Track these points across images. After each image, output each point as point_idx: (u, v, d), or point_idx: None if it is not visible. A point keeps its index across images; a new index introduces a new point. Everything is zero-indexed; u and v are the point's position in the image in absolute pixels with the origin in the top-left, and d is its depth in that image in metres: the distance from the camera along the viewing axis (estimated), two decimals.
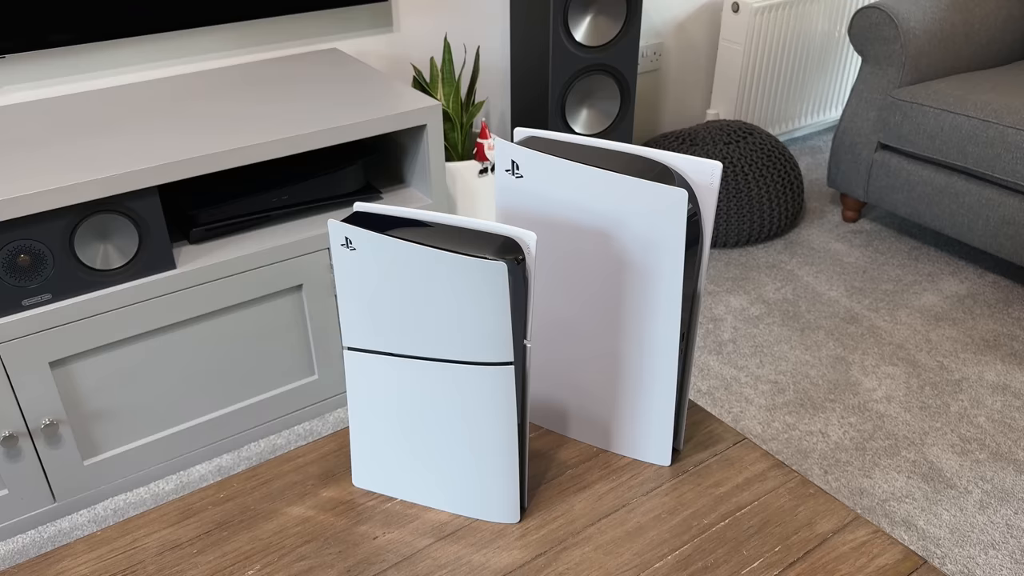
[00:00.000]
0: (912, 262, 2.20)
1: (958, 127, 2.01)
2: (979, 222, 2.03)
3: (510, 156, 0.81)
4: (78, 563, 0.79)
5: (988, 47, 2.31)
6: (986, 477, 1.48)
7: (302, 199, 1.50)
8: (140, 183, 1.26)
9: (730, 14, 2.55)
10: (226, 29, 1.74)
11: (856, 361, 1.81)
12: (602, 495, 0.85)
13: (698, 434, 0.94)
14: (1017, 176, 1.91)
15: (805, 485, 0.87)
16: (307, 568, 0.78)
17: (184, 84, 1.65)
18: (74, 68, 1.62)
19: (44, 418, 1.31)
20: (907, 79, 2.18)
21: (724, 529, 0.81)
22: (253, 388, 1.54)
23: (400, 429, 0.81)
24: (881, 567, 0.77)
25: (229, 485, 0.89)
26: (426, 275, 0.71)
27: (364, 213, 0.74)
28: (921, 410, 1.65)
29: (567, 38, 1.90)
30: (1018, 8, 2.35)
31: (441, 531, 0.81)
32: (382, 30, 1.94)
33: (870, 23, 2.20)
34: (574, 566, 0.77)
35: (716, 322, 1.96)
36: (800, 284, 2.10)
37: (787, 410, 1.66)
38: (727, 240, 2.26)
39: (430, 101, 1.52)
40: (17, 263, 1.21)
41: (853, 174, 2.32)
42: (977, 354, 1.82)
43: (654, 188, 0.73)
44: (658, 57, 2.55)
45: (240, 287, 1.42)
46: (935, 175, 2.11)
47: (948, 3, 2.24)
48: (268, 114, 1.47)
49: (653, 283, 0.78)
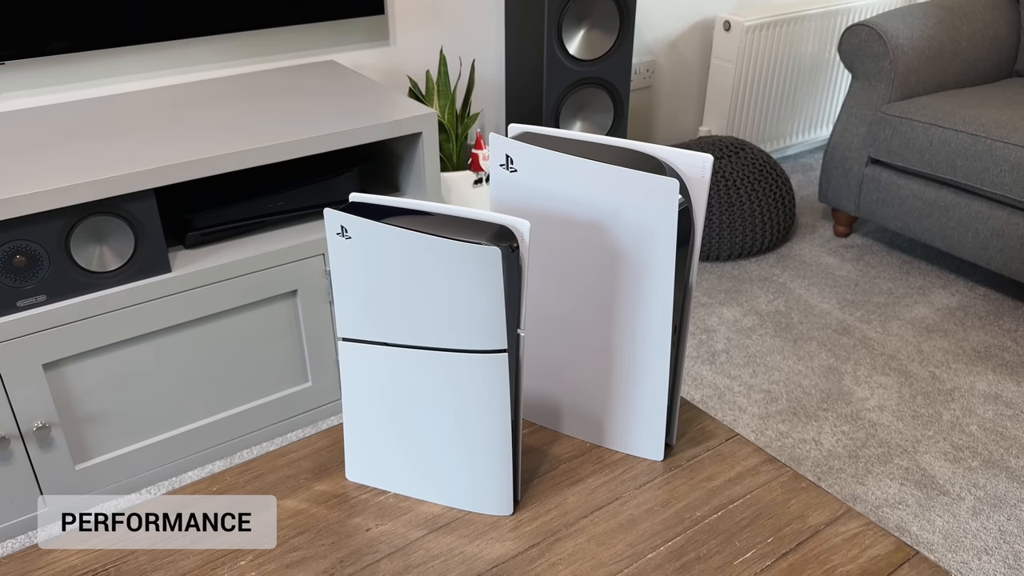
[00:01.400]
0: (903, 275, 2.22)
1: (947, 141, 2.04)
2: (969, 235, 2.05)
3: (504, 151, 0.82)
4: (69, 553, 0.79)
5: (976, 65, 2.35)
6: (979, 484, 1.49)
7: (297, 205, 1.51)
8: (137, 185, 1.27)
9: (722, 33, 2.59)
10: (224, 40, 1.76)
11: (848, 371, 1.81)
12: (595, 488, 0.85)
13: (691, 431, 0.94)
14: (1005, 189, 1.94)
15: (797, 479, 0.87)
16: (299, 559, 0.78)
17: (182, 93, 1.67)
18: (73, 76, 1.64)
19: (36, 421, 1.31)
20: (896, 95, 2.21)
21: (717, 521, 0.81)
22: (246, 394, 1.53)
23: (394, 421, 0.81)
24: (873, 557, 0.77)
25: (222, 479, 0.89)
26: (421, 262, 0.72)
27: (360, 203, 0.75)
28: (913, 419, 1.66)
29: (561, 51, 1.92)
30: (1004, 27, 2.39)
31: (434, 523, 0.81)
32: (379, 43, 1.96)
33: (859, 40, 2.23)
34: (567, 556, 0.77)
35: (709, 333, 1.96)
36: (792, 296, 2.12)
37: (780, 418, 1.67)
38: (720, 253, 2.28)
39: (426, 109, 1.53)
40: (13, 264, 1.21)
41: (844, 189, 2.34)
42: (968, 364, 1.83)
43: (646, 178, 0.74)
44: (651, 74, 2.58)
45: (235, 291, 1.42)
46: (925, 189, 2.14)
47: (935, 21, 2.28)
48: (265, 121, 1.48)
49: (646, 274, 0.79)
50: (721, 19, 2.58)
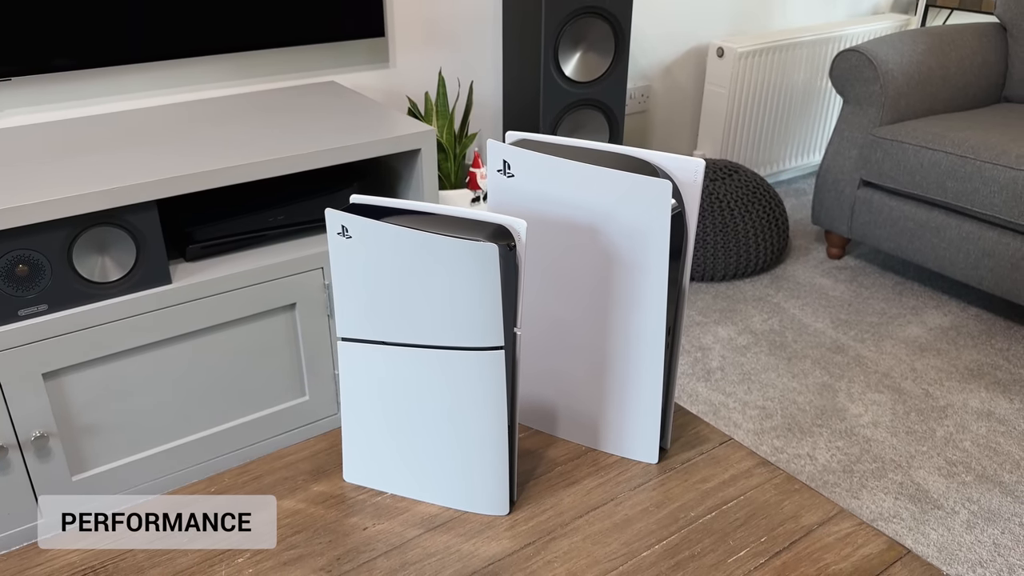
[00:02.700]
0: (896, 296, 2.24)
1: (937, 163, 2.07)
2: (960, 255, 2.08)
3: (502, 156, 0.84)
4: (67, 551, 0.79)
5: (964, 90, 2.39)
6: (972, 498, 1.49)
7: (298, 220, 1.53)
8: (139, 196, 1.29)
9: (715, 59, 2.64)
10: (227, 59, 1.79)
11: (843, 388, 1.83)
12: (590, 490, 0.86)
13: (685, 435, 0.95)
14: (995, 209, 1.97)
15: (790, 482, 0.88)
16: (296, 556, 0.78)
17: (185, 111, 1.69)
18: (77, 93, 1.66)
19: (35, 430, 1.31)
20: (887, 119, 2.25)
21: (710, 521, 0.82)
22: (244, 407, 1.54)
23: (392, 421, 0.82)
24: (866, 556, 0.78)
25: (220, 480, 0.89)
26: (420, 259, 0.73)
27: (360, 205, 0.77)
28: (907, 435, 1.67)
29: (557, 73, 1.96)
30: (992, 54, 2.44)
31: (431, 522, 0.82)
32: (379, 65, 2.00)
33: (850, 65, 2.27)
34: (562, 554, 0.78)
35: (704, 351, 1.98)
36: (786, 316, 2.13)
37: (775, 434, 1.68)
38: (714, 274, 2.30)
39: (425, 126, 1.56)
40: (15, 273, 1.23)
41: (837, 211, 2.37)
42: (961, 382, 1.85)
43: (639, 180, 0.76)
44: (646, 99, 2.62)
45: (234, 304, 1.44)
46: (916, 210, 2.17)
47: (924, 48, 2.32)
48: (267, 136, 1.50)
49: (640, 274, 0.81)
50: (714, 46, 2.63)
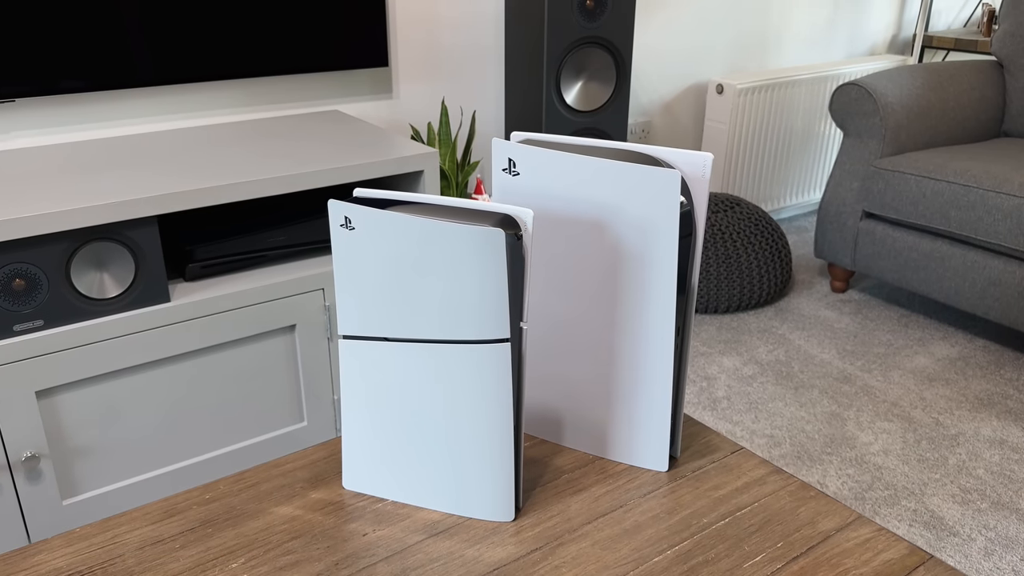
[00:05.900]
0: (902, 328, 2.22)
1: (939, 192, 2.07)
2: (966, 285, 2.06)
3: (507, 154, 0.83)
4: (55, 556, 0.76)
5: (963, 124, 2.41)
6: (989, 525, 1.45)
7: (298, 241, 1.52)
8: (140, 211, 1.28)
9: (715, 95, 2.66)
10: (232, 86, 1.81)
11: (851, 417, 1.79)
12: (598, 497, 0.83)
13: (695, 444, 0.92)
14: (1000, 238, 1.96)
15: (805, 488, 0.85)
16: (294, 562, 0.75)
17: (190, 136, 1.70)
18: (81, 116, 1.67)
19: (26, 451, 1.28)
20: (888, 151, 2.26)
21: (724, 527, 0.79)
22: (241, 432, 1.51)
23: (393, 422, 0.80)
24: (887, 561, 0.75)
25: (215, 487, 0.86)
26: (425, 249, 0.72)
27: (363, 198, 0.76)
28: (919, 462, 1.63)
29: (559, 102, 1.97)
30: (990, 89, 2.46)
31: (433, 528, 0.79)
32: (382, 95, 2.01)
33: (850, 99, 2.29)
34: (570, 560, 0.75)
35: (710, 380, 1.95)
36: (792, 347, 2.11)
37: (784, 462, 1.64)
38: (718, 306, 2.28)
39: (428, 149, 1.56)
40: (12, 287, 1.21)
41: (840, 243, 2.36)
42: (972, 411, 1.81)
43: (647, 171, 0.75)
44: (646, 134, 2.64)
45: (234, 323, 1.42)
46: (920, 240, 2.16)
47: (923, 82, 2.35)
48: (270, 155, 1.50)
49: (648, 269, 0.79)
50: (714, 82, 2.65)
